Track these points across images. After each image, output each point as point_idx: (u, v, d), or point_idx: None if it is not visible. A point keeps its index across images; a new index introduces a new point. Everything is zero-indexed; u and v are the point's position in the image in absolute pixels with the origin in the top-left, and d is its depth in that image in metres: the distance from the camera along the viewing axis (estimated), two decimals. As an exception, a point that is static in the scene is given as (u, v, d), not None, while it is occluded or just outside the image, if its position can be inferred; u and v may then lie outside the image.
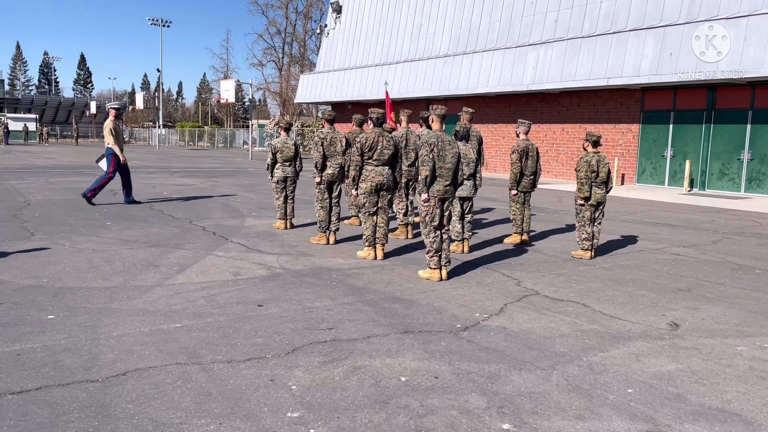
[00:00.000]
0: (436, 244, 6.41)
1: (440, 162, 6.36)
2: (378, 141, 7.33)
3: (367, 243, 7.42)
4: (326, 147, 8.36)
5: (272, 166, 9.39)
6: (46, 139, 57.52)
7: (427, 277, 6.47)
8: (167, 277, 6.12)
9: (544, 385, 3.76)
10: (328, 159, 8.39)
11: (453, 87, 24.93)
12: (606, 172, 7.62)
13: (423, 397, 3.52)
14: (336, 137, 8.46)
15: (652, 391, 3.72)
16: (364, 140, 7.30)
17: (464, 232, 7.96)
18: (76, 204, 11.62)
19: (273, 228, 9.40)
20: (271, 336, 4.47)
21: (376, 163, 7.36)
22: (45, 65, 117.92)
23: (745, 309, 5.63)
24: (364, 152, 7.32)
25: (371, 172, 7.34)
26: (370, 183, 7.33)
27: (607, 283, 6.50)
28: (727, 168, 17.73)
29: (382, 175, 7.36)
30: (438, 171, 6.36)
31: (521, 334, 4.72)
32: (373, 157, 7.33)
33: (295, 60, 63.17)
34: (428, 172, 6.27)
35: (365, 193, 7.36)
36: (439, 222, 6.46)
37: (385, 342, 4.43)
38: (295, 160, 9.43)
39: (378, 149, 7.33)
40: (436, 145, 6.32)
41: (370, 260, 7.31)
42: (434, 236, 6.43)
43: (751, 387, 3.83)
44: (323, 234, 8.35)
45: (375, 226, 7.39)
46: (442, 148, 6.37)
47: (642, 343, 4.61)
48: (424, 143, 6.36)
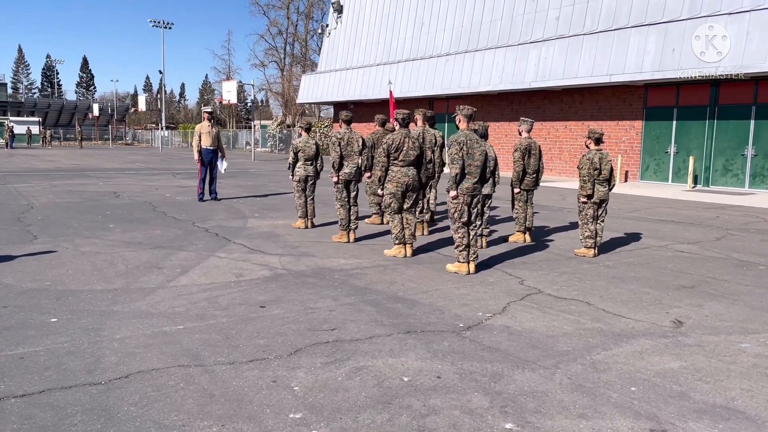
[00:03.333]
0: (466, 239, 6.63)
1: (469, 160, 6.56)
2: (404, 142, 7.43)
3: (396, 241, 7.55)
4: (343, 147, 8.61)
5: (293, 166, 9.51)
6: (50, 142, 57.65)
7: (455, 270, 6.69)
8: (170, 279, 6.13)
9: (547, 384, 3.75)
10: (345, 159, 8.63)
11: (455, 85, 24.90)
12: (609, 169, 7.60)
13: (425, 397, 3.51)
14: (353, 137, 8.72)
15: (655, 389, 3.71)
16: (391, 141, 7.40)
17: (482, 228, 8.08)
18: (79, 207, 11.65)
19: (272, 228, 9.41)
20: (273, 337, 4.47)
21: (402, 164, 7.45)
22: (47, 68, 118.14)
23: (749, 305, 5.61)
24: (391, 153, 7.42)
25: (397, 173, 7.44)
26: (396, 183, 7.44)
27: (610, 281, 6.48)
28: (731, 164, 17.67)
29: (408, 175, 7.47)
30: (467, 169, 6.57)
31: (524, 333, 4.71)
32: (399, 157, 7.43)
33: (296, 60, 63.19)
34: (458, 170, 6.50)
35: (391, 193, 7.47)
36: (468, 218, 6.64)
37: (388, 342, 4.43)
38: (316, 159, 9.55)
39: (404, 150, 7.42)
40: (465, 144, 6.54)
41: (401, 257, 7.46)
42: (463, 232, 6.63)
43: (755, 384, 3.82)
44: (344, 232, 8.52)
45: (402, 224, 7.51)
46: (471, 147, 6.59)
47: (645, 340, 4.59)
48: (454, 142, 6.57)
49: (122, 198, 13.25)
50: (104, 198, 13.17)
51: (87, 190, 14.73)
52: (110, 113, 78.47)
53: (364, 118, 31.06)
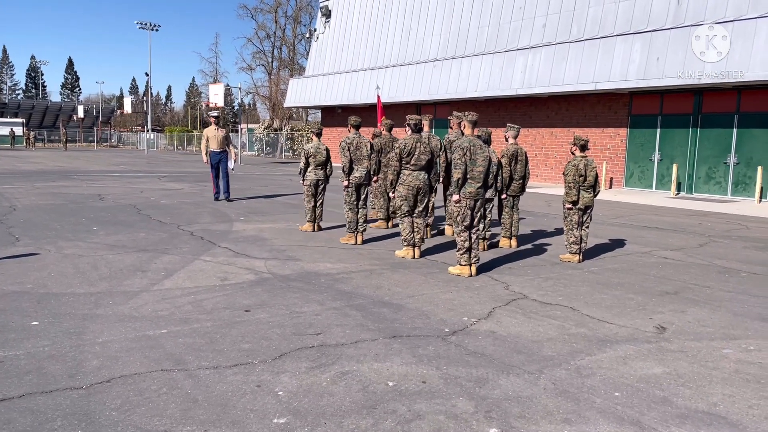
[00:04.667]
0: (467, 242, 6.78)
1: (472, 165, 6.75)
2: (416, 147, 7.60)
3: (405, 243, 7.74)
4: (352, 152, 8.80)
5: (305, 170, 9.66)
6: (33, 144, 57.04)
7: (457, 273, 6.83)
8: (154, 283, 6.08)
9: (531, 389, 3.76)
10: (355, 163, 8.83)
11: (443, 91, 25.00)
12: (594, 176, 7.66)
13: (410, 402, 3.51)
14: (361, 142, 8.92)
15: (638, 395, 3.73)
16: (403, 146, 7.58)
17: (485, 231, 8.33)
18: (62, 209, 11.53)
19: (258, 232, 9.37)
20: (258, 342, 4.44)
21: (414, 168, 7.63)
22: (32, 69, 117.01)
23: (730, 312, 5.66)
24: (403, 157, 7.59)
25: (409, 177, 7.62)
26: (408, 187, 7.61)
27: (594, 286, 6.52)
28: (713, 172, 17.87)
29: (419, 179, 7.65)
30: (470, 174, 6.77)
31: (509, 338, 4.72)
32: (411, 162, 7.61)
33: (284, 64, 63.12)
34: (460, 174, 6.69)
35: (402, 196, 7.65)
36: (470, 222, 6.80)
37: (373, 347, 4.42)
38: (327, 164, 9.70)
39: (416, 154, 7.60)
40: (468, 149, 6.74)
41: (409, 258, 7.67)
42: (465, 236, 6.78)
43: (736, 389, 3.85)
44: (352, 234, 8.72)
45: (412, 227, 7.70)
46: (474, 152, 6.77)
47: (629, 346, 4.62)
48: (457, 147, 6.77)
49: (106, 201, 13.14)
50: (88, 200, 13.05)
51: (70, 193, 14.59)
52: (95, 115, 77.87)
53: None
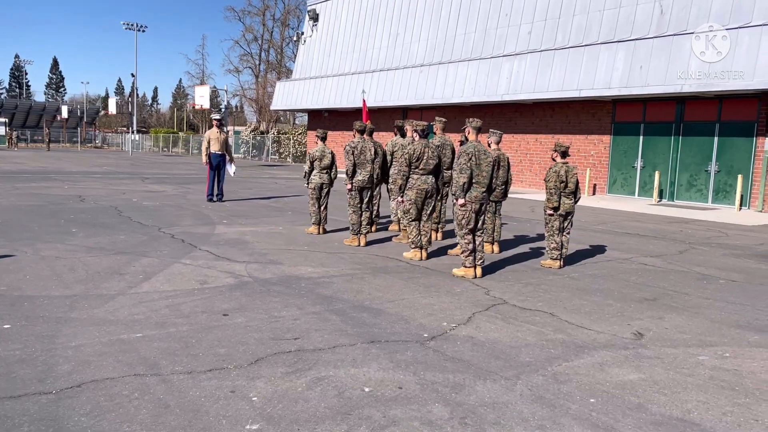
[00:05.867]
0: (472, 245, 7.01)
1: (477, 170, 6.97)
2: (424, 152, 7.83)
3: (413, 245, 7.97)
4: (357, 156, 8.93)
5: (309, 174, 9.82)
6: (16, 144, 56.41)
7: (462, 274, 7.03)
8: (131, 286, 6.01)
9: (507, 395, 3.75)
10: (358, 167, 8.97)
11: (429, 96, 25.04)
12: (575, 182, 7.69)
13: (386, 408, 3.48)
14: (366, 146, 9.03)
15: (614, 401, 3.74)
16: (412, 151, 7.81)
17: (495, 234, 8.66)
18: (41, 210, 11.38)
19: (241, 235, 9.31)
20: (234, 346, 4.40)
21: (422, 172, 7.86)
22: (16, 68, 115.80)
23: (708, 318, 5.70)
24: (412, 162, 7.81)
25: (417, 181, 7.85)
26: (417, 191, 7.84)
27: (574, 292, 6.54)
28: (695, 179, 18.05)
29: (428, 183, 7.89)
30: (475, 178, 7.00)
31: (488, 344, 4.72)
32: (419, 166, 7.84)
33: (272, 67, 62.95)
34: (466, 179, 6.92)
35: (411, 200, 7.88)
36: (475, 225, 7.03)
37: (351, 352, 4.39)
38: (331, 168, 9.82)
39: (424, 159, 7.83)
40: (474, 155, 6.96)
41: (416, 260, 7.89)
42: (470, 238, 7.01)
43: (711, 396, 3.87)
44: (355, 236, 8.94)
45: (420, 230, 7.93)
46: (479, 157, 6.99)
47: (606, 352, 4.64)
48: (463, 152, 6.99)
49: (87, 202, 13.00)
50: (68, 202, 12.91)
51: (51, 194, 14.43)
52: (79, 115, 77.13)
53: (339, 126, 31.05)
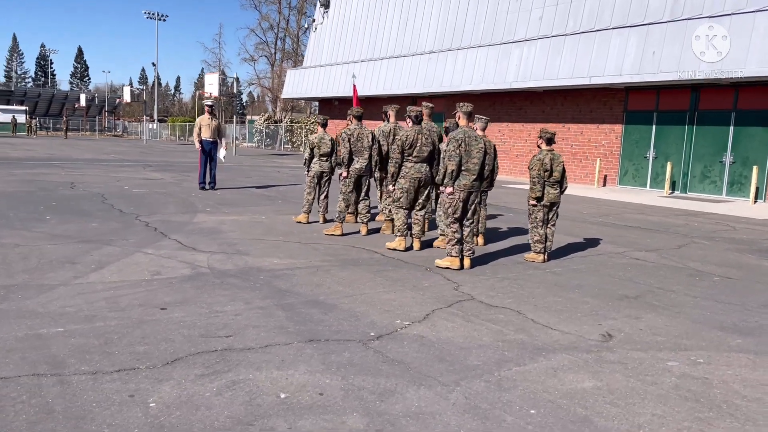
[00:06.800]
0: (459, 234, 6.72)
1: (467, 157, 6.67)
2: (417, 139, 7.49)
3: (399, 233, 7.66)
4: (353, 143, 8.59)
5: (309, 161, 9.53)
6: (35, 132, 56.93)
7: (446, 265, 6.70)
8: (78, 276, 5.73)
9: (439, 404, 3.38)
10: (355, 154, 8.65)
11: (437, 84, 24.54)
12: (560, 171, 7.25)
13: (295, 418, 3.14)
14: (363, 133, 8.70)
15: (557, 413, 3.35)
16: (405, 138, 7.48)
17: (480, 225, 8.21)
18: (26, 197, 11.20)
19: (218, 224, 9.01)
20: (158, 344, 4.08)
21: (416, 160, 7.54)
22: (42, 57, 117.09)
23: (690, 319, 5.26)
24: (405, 149, 7.48)
25: (411, 169, 7.54)
26: (409, 179, 7.53)
27: (551, 288, 6.13)
28: (709, 170, 17.37)
29: (421, 171, 7.57)
30: (464, 166, 6.68)
31: (437, 344, 4.34)
32: (413, 154, 7.51)
33: (288, 55, 62.65)
34: (454, 166, 6.61)
35: (403, 188, 7.58)
36: (462, 214, 6.73)
37: (282, 352, 4.05)
38: (332, 155, 9.52)
39: (417, 146, 7.50)
40: (463, 141, 6.65)
41: (401, 250, 7.59)
42: (456, 227, 6.72)
43: (669, 409, 3.46)
44: (339, 224, 8.64)
45: (407, 218, 7.67)
46: (469, 144, 6.69)
47: (565, 356, 4.24)
48: (452, 138, 6.69)
49: (77, 189, 12.82)
50: (58, 188, 12.73)
51: (45, 180, 14.28)
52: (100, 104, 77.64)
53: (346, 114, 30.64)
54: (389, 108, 9.17)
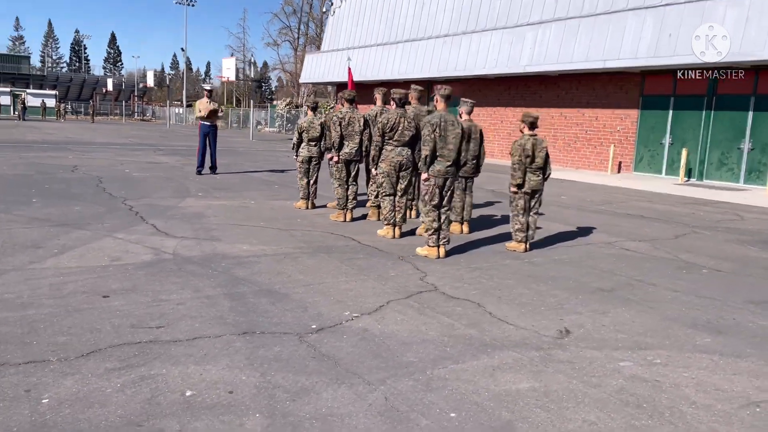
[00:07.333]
0: (436, 223, 6.49)
1: (441, 143, 6.41)
2: (399, 122, 7.28)
3: (386, 222, 7.50)
4: (344, 127, 8.41)
5: (297, 146, 9.36)
6: (64, 116, 57.77)
7: (425, 254, 6.53)
8: (35, 261, 5.64)
9: (354, 405, 3.18)
10: (346, 139, 8.45)
11: (452, 68, 24.09)
12: (543, 156, 6.93)
13: (191, 418, 2.96)
14: (354, 117, 8.49)
15: (479, 417, 3.12)
16: (386, 120, 7.27)
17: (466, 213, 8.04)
18: (21, 180, 11.22)
19: (204, 208, 8.88)
20: (82, 334, 3.94)
21: (397, 144, 7.34)
22: (76, 43, 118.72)
23: (661, 315, 4.96)
24: (386, 132, 7.28)
25: (391, 152, 7.34)
26: (390, 163, 7.33)
27: (523, 279, 5.85)
28: (726, 157, 16.74)
29: (402, 155, 7.36)
30: (439, 151, 6.43)
31: (378, 339, 4.13)
32: (394, 137, 7.30)
33: (311, 40, 62.42)
34: (429, 151, 6.37)
35: (384, 173, 7.38)
36: (439, 201, 6.49)
37: (209, 345, 3.88)
38: (321, 140, 9.31)
39: (399, 130, 7.29)
40: (438, 125, 6.38)
41: (389, 238, 7.40)
42: (434, 215, 6.50)
43: (605, 415, 3.20)
44: (341, 211, 8.53)
45: (394, 206, 7.44)
46: (445, 128, 6.42)
47: (511, 353, 3.99)
48: (427, 123, 6.43)
49: (77, 172, 12.83)
50: (59, 172, 12.76)
51: (49, 164, 14.34)
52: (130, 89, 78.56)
53: (364, 99, 30.32)
54: (377, 91, 8.91)
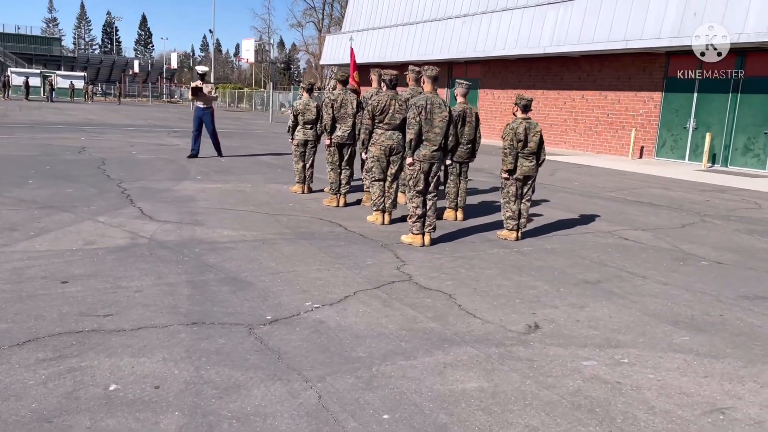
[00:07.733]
0: (420, 209, 6.26)
1: (427, 126, 6.18)
2: (390, 105, 7.05)
3: (375, 208, 7.32)
4: (336, 109, 8.19)
5: (293, 129, 9.18)
6: (91, 97, 58.50)
7: (409, 242, 6.33)
8: (7, 244, 5.57)
9: (282, 404, 3.01)
10: (338, 121, 8.26)
11: (471, 49, 23.60)
12: (536, 141, 6.63)
13: (105, 415, 2.82)
14: (347, 99, 8.29)
15: (413, 419, 2.92)
16: (376, 103, 7.04)
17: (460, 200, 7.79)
18: (25, 161, 11.27)
19: (197, 192, 8.78)
20: (25, 321, 3.84)
21: (387, 127, 7.13)
22: (107, 25, 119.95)
23: (643, 310, 4.68)
24: (376, 116, 7.07)
25: (381, 136, 7.14)
26: (379, 147, 7.13)
27: (505, 270, 5.61)
28: (752, 143, 16.07)
29: (392, 139, 7.15)
30: (425, 135, 6.21)
31: (333, 332, 3.95)
32: (384, 120, 7.10)
33: (335, 21, 62.02)
34: (413, 135, 6.16)
35: (374, 157, 7.19)
36: (424, 187, 6.27)
37: (152, 336, 3.74)
38: (317, 123, 9.10)
39: (390, 113, 7.07)
40: (424, 108, 6.14)
41: (378, 225, 7.23)
42: (418, 201, 6.27)
43: (550, 419, 2.98)
44: (334, 196, 8.38)
45: (384, 192, 7.26)
46: (431, 111, 6.19)
47: (470, 349, 3.77)
48: (412, 105, 6.22)
49: (83, 154, 12.86)
50: (65, 153, 12.80)
51: (58, 145, 14.42)
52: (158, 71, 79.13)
53: (383, 81, 30.00)
54: (372, 72, 8.65)
